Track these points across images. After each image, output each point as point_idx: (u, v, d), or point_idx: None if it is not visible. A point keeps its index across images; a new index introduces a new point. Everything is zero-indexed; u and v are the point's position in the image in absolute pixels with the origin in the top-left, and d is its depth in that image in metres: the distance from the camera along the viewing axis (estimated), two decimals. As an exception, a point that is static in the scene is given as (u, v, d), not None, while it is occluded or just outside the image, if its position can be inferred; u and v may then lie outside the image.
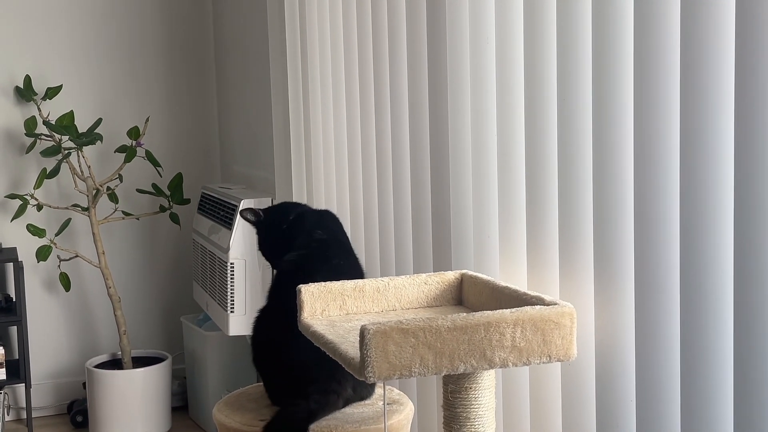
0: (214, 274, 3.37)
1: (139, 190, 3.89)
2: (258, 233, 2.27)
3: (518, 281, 1.79)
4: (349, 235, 2.58)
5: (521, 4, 1.74)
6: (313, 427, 1.82)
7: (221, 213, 3.40)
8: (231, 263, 3.19)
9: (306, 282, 1.76)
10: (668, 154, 1.39)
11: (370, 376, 1.39)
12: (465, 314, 1.45)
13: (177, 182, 3.81)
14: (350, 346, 1.48)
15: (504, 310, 1.47)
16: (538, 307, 1.49)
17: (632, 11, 1.45)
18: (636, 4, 1.43)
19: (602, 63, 1.53)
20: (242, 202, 3.20)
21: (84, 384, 3.85)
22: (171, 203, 3.82)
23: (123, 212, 3.89)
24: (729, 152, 1.28)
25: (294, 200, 3.00)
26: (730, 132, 1.27)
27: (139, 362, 3.76)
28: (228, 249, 3.20)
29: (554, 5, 1.64)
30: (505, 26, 1.80)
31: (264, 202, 3.25)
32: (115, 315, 3.73)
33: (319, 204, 2.83)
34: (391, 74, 2.26)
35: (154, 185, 3.86)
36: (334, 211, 2.70)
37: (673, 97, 1.38)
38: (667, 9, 1.38)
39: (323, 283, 1.73)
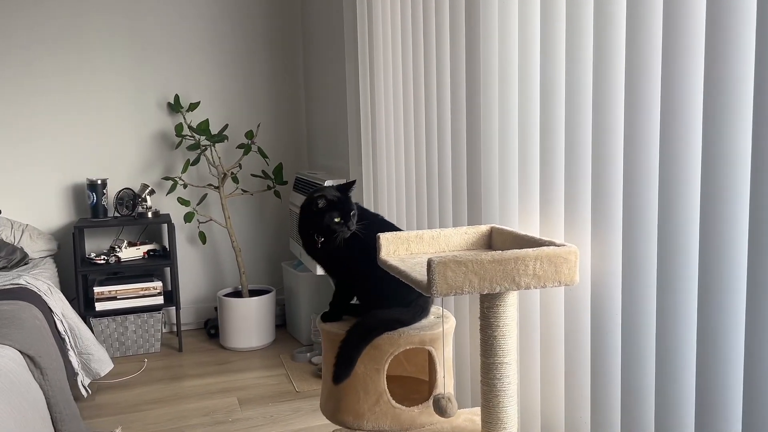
0: (305, 231, 3.32)
1: (253, 175, 3.85)
2: (315, 217, 1.79)
3: (532, 231, 1.72)
4: (405, 202, 2.52)
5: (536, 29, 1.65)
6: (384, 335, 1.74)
7: (309, 190, 3.35)
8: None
9: (381, 231, 1.70)
10: (649, 141, 1.30)
11: (435, 293, 1.33)
12: (501, 251, 1.38)
13: (279, 169, 3.75)
14: (418, 274, 1.43)
15: (528, 249, 1.40)
16: (552, 247, 1.42)
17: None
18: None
19: (602, 66, 1.44)
20: (325, 182, 3.15)
21: (215, 308, 3.84)
22: (275, 184, 3.77)
23: (242, 190, 3.86)
24: (698, 137, 1.19)
25: (362, 181, 2.94)
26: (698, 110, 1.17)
27: (253, 293, 3.73)
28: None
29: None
30: (527, 39, 1.71)
31: (339, 183, 3.18)
32: (237, 261, 3.69)
33: (383, 181, 2.76)
34: (438, 84, 2.19)
35: (263, 171, 3.83)
36: (394, 184, 2.63)
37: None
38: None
39: (394, 233, 1.68)
